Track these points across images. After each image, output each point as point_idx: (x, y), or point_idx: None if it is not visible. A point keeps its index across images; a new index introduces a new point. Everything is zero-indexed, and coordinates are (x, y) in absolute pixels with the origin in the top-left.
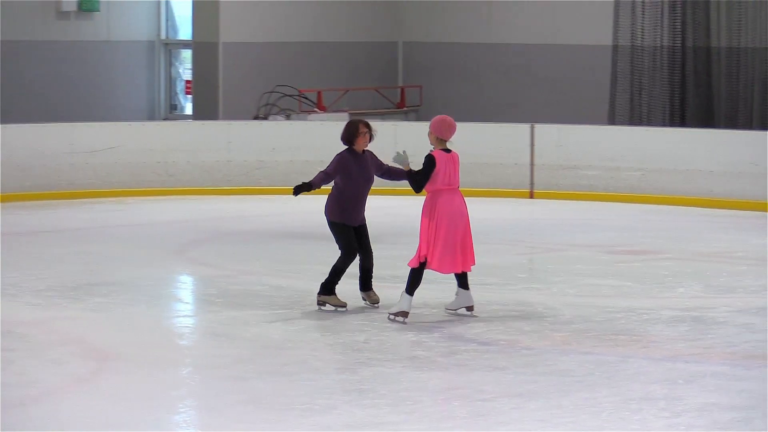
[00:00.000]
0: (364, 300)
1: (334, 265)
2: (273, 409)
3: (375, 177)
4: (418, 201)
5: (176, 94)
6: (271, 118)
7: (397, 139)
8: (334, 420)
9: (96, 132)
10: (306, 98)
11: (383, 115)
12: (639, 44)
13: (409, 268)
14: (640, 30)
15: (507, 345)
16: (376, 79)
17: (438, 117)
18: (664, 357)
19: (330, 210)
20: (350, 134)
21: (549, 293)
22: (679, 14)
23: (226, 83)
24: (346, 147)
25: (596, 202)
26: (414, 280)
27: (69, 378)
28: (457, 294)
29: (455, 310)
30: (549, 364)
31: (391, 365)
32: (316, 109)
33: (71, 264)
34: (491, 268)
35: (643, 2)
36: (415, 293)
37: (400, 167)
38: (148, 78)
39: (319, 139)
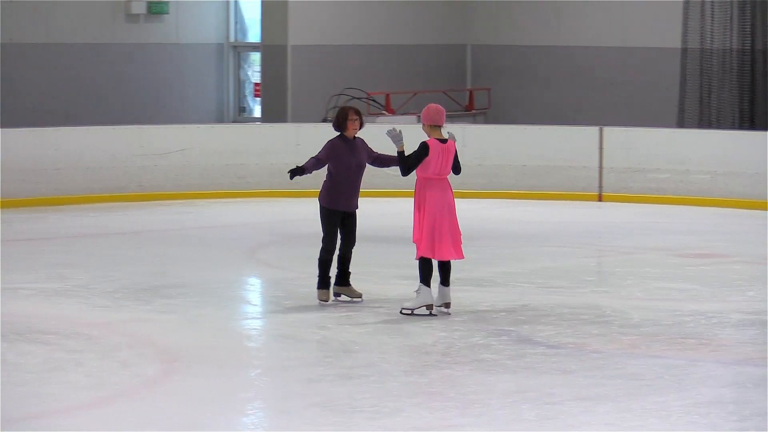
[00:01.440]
0: (336, 296)
1: (318, 259)
2: (341, 412)
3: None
4: (487, 204)
5: (245, 96)
6: None
7: (465, 142)
8: (402, 423)
9: (165, 134)
10: (374, 101)
11: (451, 118)
12: (708, 47)
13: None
14: (709, 33)
15: (575, 348)
16: (445, 82)
17: (426, 107)
18: (733, 360)
19: (323, 196)
20: (340, 120)
21: (618, 296)
22: (748, 17)
23: (295, 86)
24: (338, 134)
25: (665, 206)
26: (425, 271)
27: (138, 380)
28: (438, 291)
29: (437, 306)
30: (618, 368)
31: (459, 368)
32: (384, 112)
33: (141, 266)
34: (560, 271)
35: (712, 4)
36: (431, 284)
37: (392, 155)
38: (217, 80)
39: (388, 141)
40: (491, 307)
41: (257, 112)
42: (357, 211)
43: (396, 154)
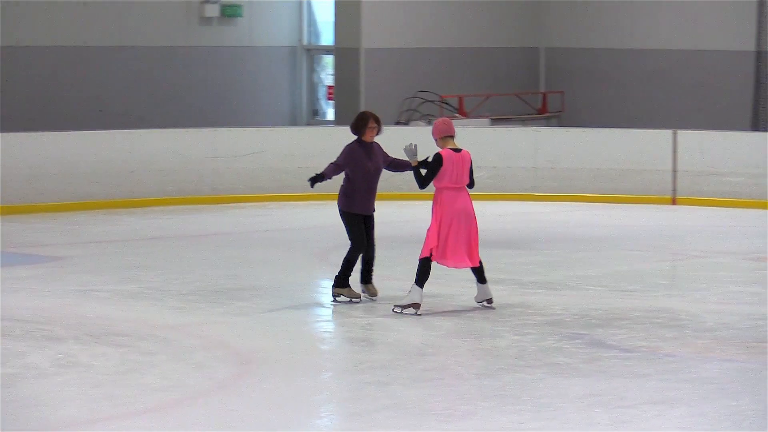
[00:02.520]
0: (363, 292)
1: (344, 258)
2: (414, 415)
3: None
4: (560, 207)
5: (318, 99)
6: (412, 123)
7: (539, 145)
8: (474, 425)
9: (238, 137)
10: (447, 104)
11: (524, 121)
12: None
13: (418, 261)
14: None
15: (649, 352)
16: (518, 85)
17: (434, 122)
18: None
19: (342, 201)
20: (359, 126)
21: (691, 300)
22: None
23: (368, 89)
24: (356, 138)
25: (739, 209)
26: (423, 272)
27: (211, 382)
28: (477, 289)
29: (480, 302)
30: (691, 372)
31: (531, 371)
32: (457, 115)
33: (214, 268)
34: (633, 275)
35: None
36: (424, 285)
37: (406, 159)
38: (290, 83)
39: (460, 144)
40: (564, 311)
41: (330, 114)
42: (375, 214)
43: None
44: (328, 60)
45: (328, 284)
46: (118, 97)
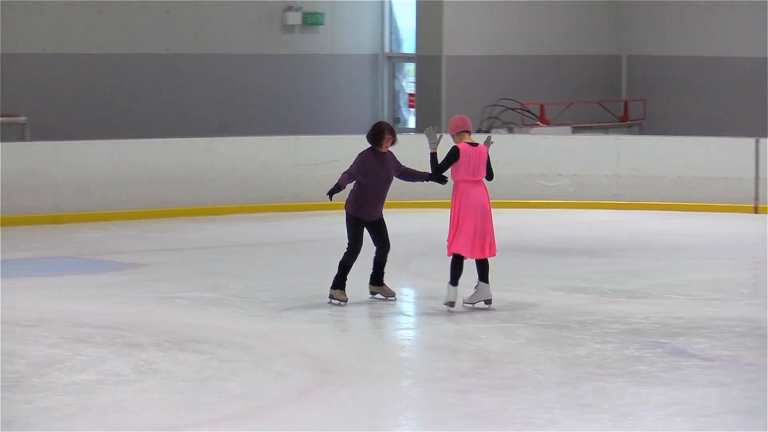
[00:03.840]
0: (374, 294)
1: (340, 261)
2: (494, 423)
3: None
4: (642, 215)
5: (399, 107)
6: (493, 131)
7: (620, 153)
8: None
9: (320, 145)
10: (529, 111)
11: (606, 129)
12: None
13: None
14: None
15: (730, 361)
16: (600, 93)
17: (450, 120)
18: None
19: (349, 204)
20: (376, 137)
21: None
22: None
23: (449, 96)
24: (370, 146)
25: None
26: (455, 271)
27: (292, 389)
28: (476, 287)
29: (474, 303)
30: None
31: (612, 380)
32: (538, 123)
33: (295, 276)
34: (715, 283)
35: None
36: (459, 282)
37: (418, 170)
38: (371, 91)
39: (542, 152)
40: (645, 319)
41: (411, 122)
42: (383, 217)
43: (421, 172)
44: (410, 68)
45: (409, 292)
46: (199, 105)
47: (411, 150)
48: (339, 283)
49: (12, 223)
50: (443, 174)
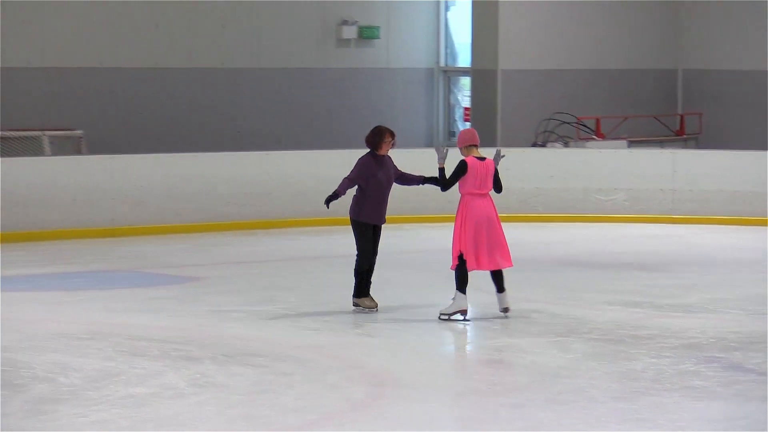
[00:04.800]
0: (356, 305)
1: (354, 269)
2: None
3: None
4: (698, 229)
5: (455, 121)
6: (549, 145)
7: (676, 167)
8: None
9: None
10: (584, 125)
11: (662, 143)
12: None
13: (453, 271)
14: None
15: None
16: (655, 107)
17: (459, 132)
18: None
19: (355, 211)
20: (376, 140)
21: None
22: None
23: (505, 110)
24: (369, 151)
25: None
26: (461, 278)
27: (347, 403)
28: (496, 298)
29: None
30: None
31: (668, 395)
32: (594, 137)
33: (349, 289)
34: None
35: None
36: (467, 290)
37: (415, 174)
38: (426, 105)
39: (598, 166)
40: (701, 334)
41: None
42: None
43: (427, 176)
44: (465, 81)
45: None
46: (254, 119)
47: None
48: (361, 290)
49: (68, 237)
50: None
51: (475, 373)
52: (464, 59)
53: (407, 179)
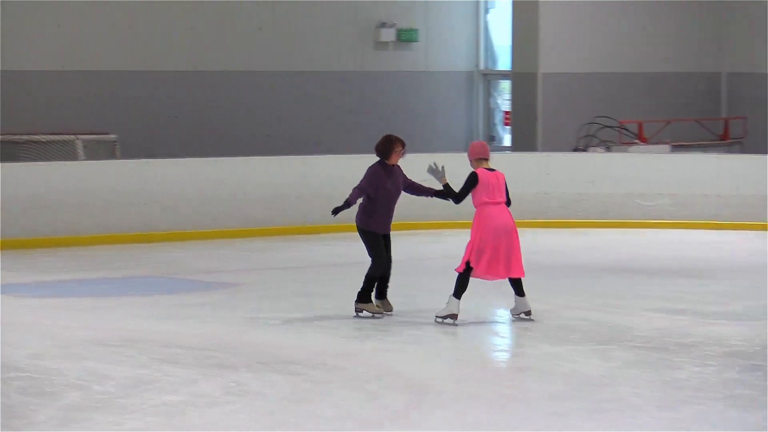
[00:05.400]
0: (360, 311)
1: (366, 274)
2: None
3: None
4: (741, 236)
5: (495, 125)
6: (590, 149)
7: (720, 172)
8: None
9: (412, 163)
10: (626, 130)
11: (705, 147)
12: None
13: (456, 274)
14: None
15: None
16: (699, 111)
17: (470, 144)
18: None
19: (362, 219)
20: (387, 149)
21: None
22: None
23: (545, 114)
24: (378, 159)
25: None
26: (461, 285)
27: (385, 411)
28: (515, 301)
29: (517, 315)
30: None
31: (712, 404)
32: (636, 141)
33: (392, 297)
34: None
35: None
36: (462, 297)
37: (424, 185)
38: (466, 109)
39: (640, 171)
40: (746, 342)
41: (507, 140)
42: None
43: (437, 188)
44: (505, 85)
45: (503, 313)
46: (290, 123)
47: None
48: (365, 296)
49: (101, 242)
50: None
51: (515, 381)
52: (504, 62)
53: (417, 189)
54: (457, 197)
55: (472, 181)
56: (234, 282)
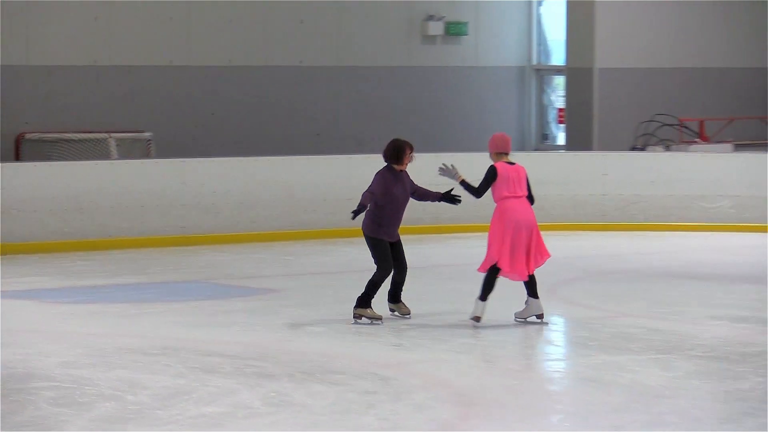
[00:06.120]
0: (393, 311)
1: (370, 279)
2: None
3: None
4: None
5: (548, 122)
6: (649, 149)
7: None
8: None
9: (463, 162)
10: (687, 128)
11: None
12: None
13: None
14: None
15: None
16: (763, 108)
17: (492, 136)
18: None
19: (368, 226)
20: (398, 154)
21: None
22: None
23: (602, 111)
24: (386, 165)
25: None
26: (486, 286)
27: (433, 424)
28: (526, 303)
29: (525, 318)
30: None
31: None
32: (697, 140)
33: (436, 302)
34: None
35: None
36: (488, 298)
37: (430, 191)
38: (518, 105)
39: (701, 172)
40: None
41: (561, 139)
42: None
43: (440, 191)
44: (559, 81)
45: (558, 320)
46: (335, 120)
47: (561, 170)
48: (365, 302)
49: (136, 246)
50: (458, 196)
51: (570, 392)
52: (558, 57)
53: (424, 195)
54: (477, 192)
55: (491, 175)
56: (276, 287)
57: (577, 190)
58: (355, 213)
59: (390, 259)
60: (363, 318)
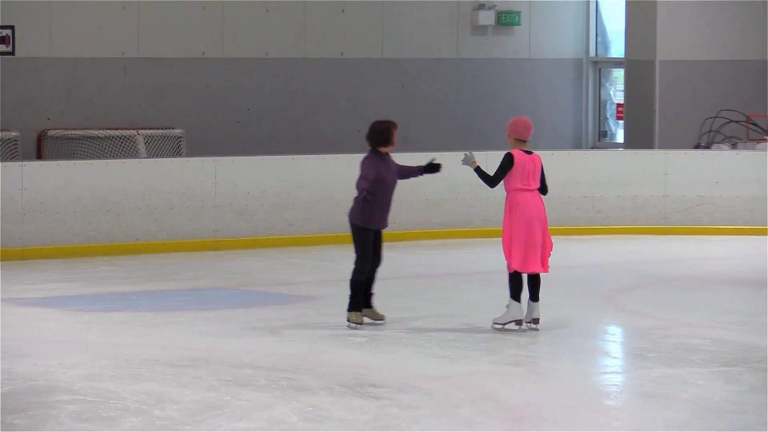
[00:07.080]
0: (364, 317)
1: (351, 279)
2: None
3: None
4: None
5: (606, 118)
6: (714, 147)
7: None
8: None
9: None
10: (755, 125)
11: None
12: None
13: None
14: None
15: None
16: None
17: (514, 119)
18: None
19: (360, 217)
20: (386, 136)
21: None
22: None
23: (664, 107)
24: (371, 150)
25: None
26: (514, 286)
27: None
28: (508, 306)
29: (504, 324)
30: None
31: None
32: (766, 138)
33: (484, 311)
34: None
35: None
36: (521, 298)
37: (410, 166)
38: (574, 100)
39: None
40: None
41: (620, 136)
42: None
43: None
44: (619, 74)
45: (615, 330)
46: (378, 115)
47: (620, 169)
48: (356, 304)
49: (165, 250)
50: (439, 164)
51: (629, 407)
52: (617, 49)
53: (407, 173)
54: (492, 181)
55: (507, 163)
56: (314, 295)
57: (637, 191)
58: (365, 199)
59: (371, 249)
60: (350, 323)
